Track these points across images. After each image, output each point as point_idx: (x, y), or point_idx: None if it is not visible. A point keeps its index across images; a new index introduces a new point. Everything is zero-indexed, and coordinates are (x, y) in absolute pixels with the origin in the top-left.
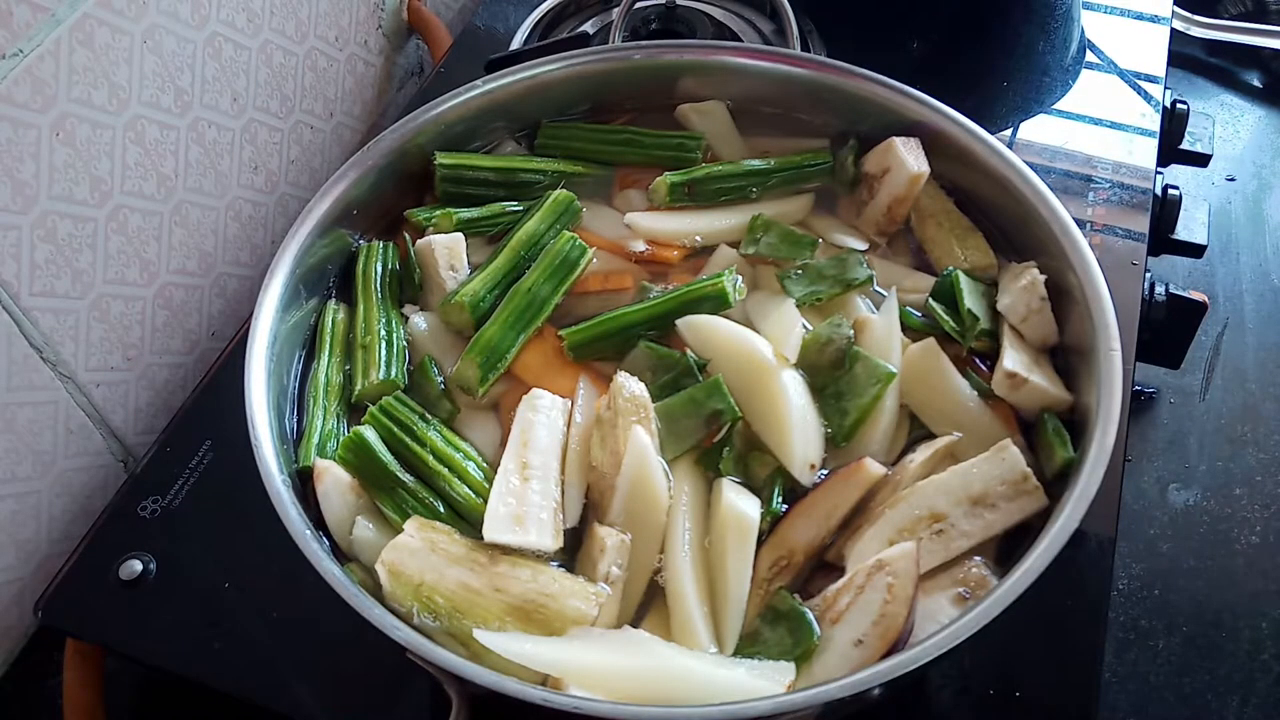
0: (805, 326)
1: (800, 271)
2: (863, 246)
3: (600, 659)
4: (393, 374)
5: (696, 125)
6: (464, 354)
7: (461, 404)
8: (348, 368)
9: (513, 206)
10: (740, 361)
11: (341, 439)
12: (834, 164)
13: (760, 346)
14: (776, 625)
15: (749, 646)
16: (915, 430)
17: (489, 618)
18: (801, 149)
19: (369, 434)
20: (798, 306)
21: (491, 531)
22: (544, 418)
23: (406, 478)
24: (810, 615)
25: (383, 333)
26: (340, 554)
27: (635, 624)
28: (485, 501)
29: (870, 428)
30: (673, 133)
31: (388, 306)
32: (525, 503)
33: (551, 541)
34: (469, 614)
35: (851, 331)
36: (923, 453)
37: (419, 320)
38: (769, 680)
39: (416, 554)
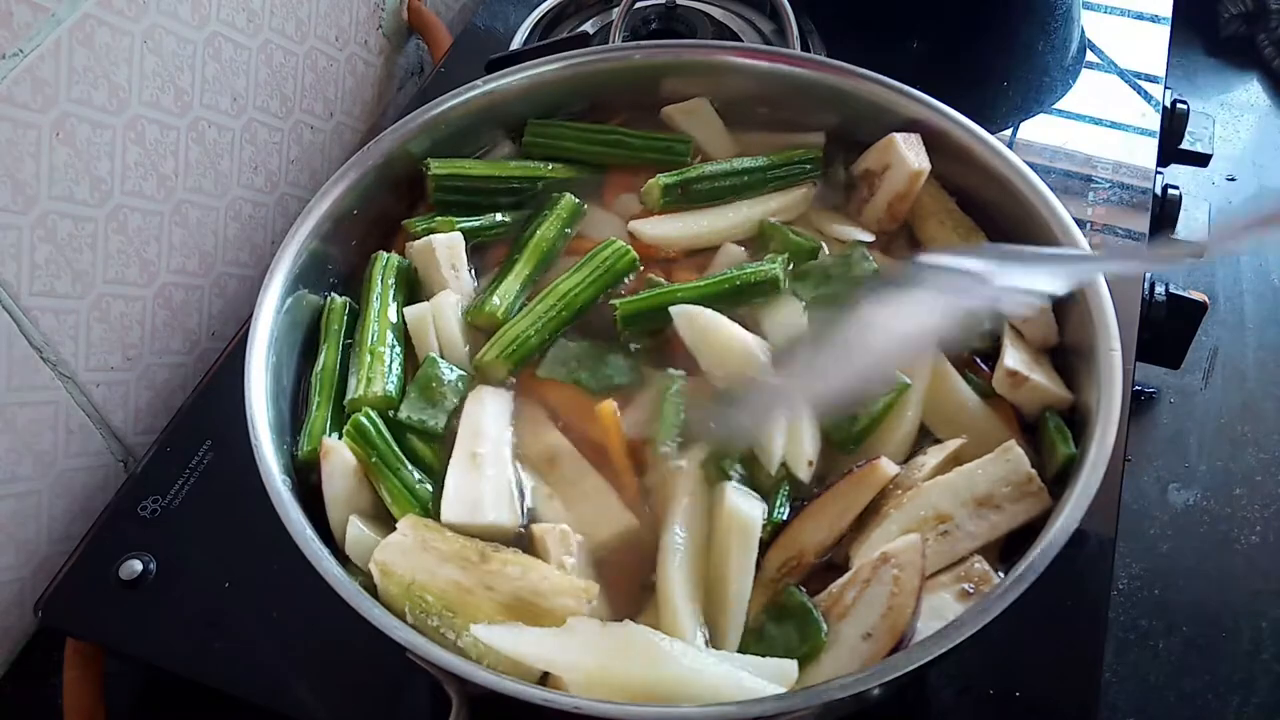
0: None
1: (806, 274)
2: (869, 238)
3: (598, 655)
4: (390, 389)
5: (682, 125)
6: (498, 354)
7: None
8: (349, 369)
9: (502, 216)
10: (732, 361)
11: (345, 428)
12: (825, 164)
13: (754, 349)
14: (783, 622)
15: (755, 644)
16: (921, 433)
17: (480, 616)
18: (795, 144)
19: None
20: (809, 308)
21: (449, 513)
22: (490, 409)
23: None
24: (817, 612)
25: (391, 341)
26: (340, 552)
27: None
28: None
29: (886, 435)
30: (661, 134)
31: (399, 318)
32: (480, 485)
33: (510, 517)
34: (460, 612)
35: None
36: (934, 456)
37: (420, 318)
38: (770, 679)
39: (408, 553)
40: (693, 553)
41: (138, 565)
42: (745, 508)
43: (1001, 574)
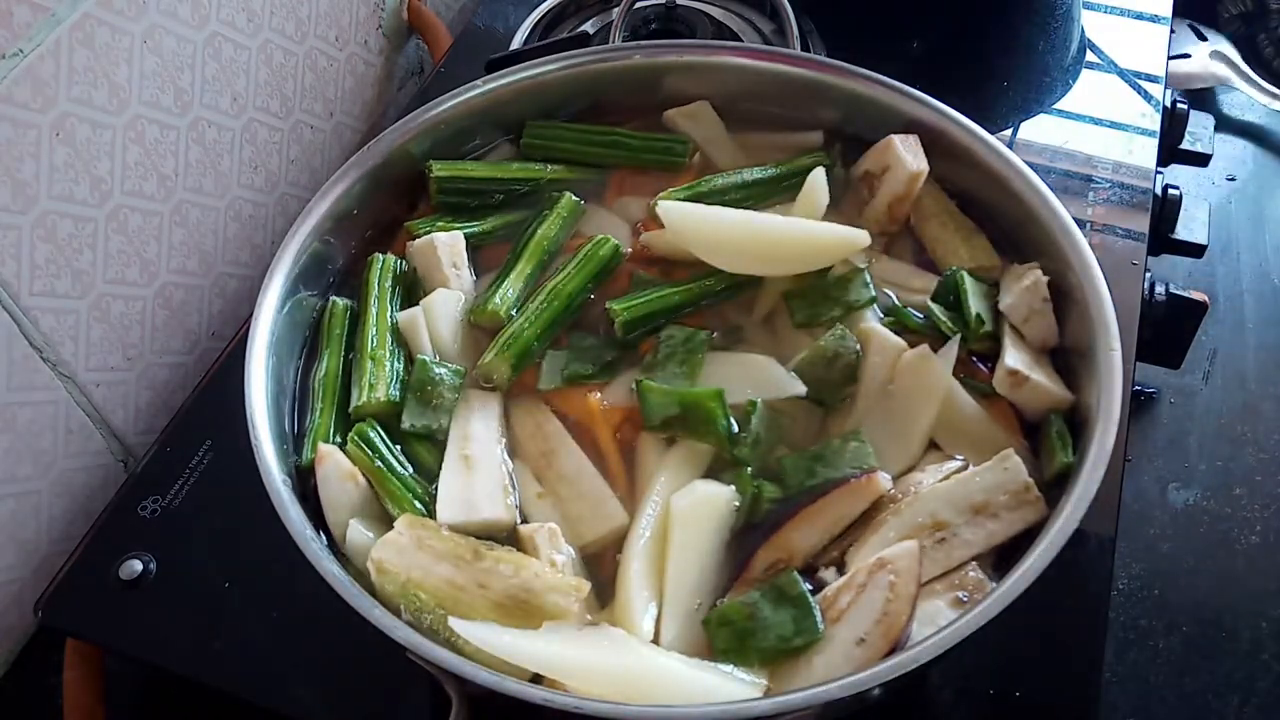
0: None
1: (804, 291)
2: (867, 241)
3: (578, 655)
4: (394, 394)
5: (685, 129)
6: (496, 354)
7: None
8: (351, 371)
9: (503, 217)
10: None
11: (350, 435)
12: (829, 169)
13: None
14: (780, 607)
15: (745, 621)
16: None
17: (472, 613)
18: (792, 144)
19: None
20: (799, 328)
21: (444, 514)
22: (478, 412)
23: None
24: (817, 608)
25: (392, 345)
26: (338, 549)
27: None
28: None
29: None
30: (659, 135)
31: (396, 321)
32: (473, 485)
33: (505, 512)
34: (453, 610)
35: (858, 345)
36: (932, 475)
37: (411, 321)
38: (744, 687)
39: (404, 551)
40: (658, 537)
41: (138, 565)
42: (707, 489)
43: (995, 582)
